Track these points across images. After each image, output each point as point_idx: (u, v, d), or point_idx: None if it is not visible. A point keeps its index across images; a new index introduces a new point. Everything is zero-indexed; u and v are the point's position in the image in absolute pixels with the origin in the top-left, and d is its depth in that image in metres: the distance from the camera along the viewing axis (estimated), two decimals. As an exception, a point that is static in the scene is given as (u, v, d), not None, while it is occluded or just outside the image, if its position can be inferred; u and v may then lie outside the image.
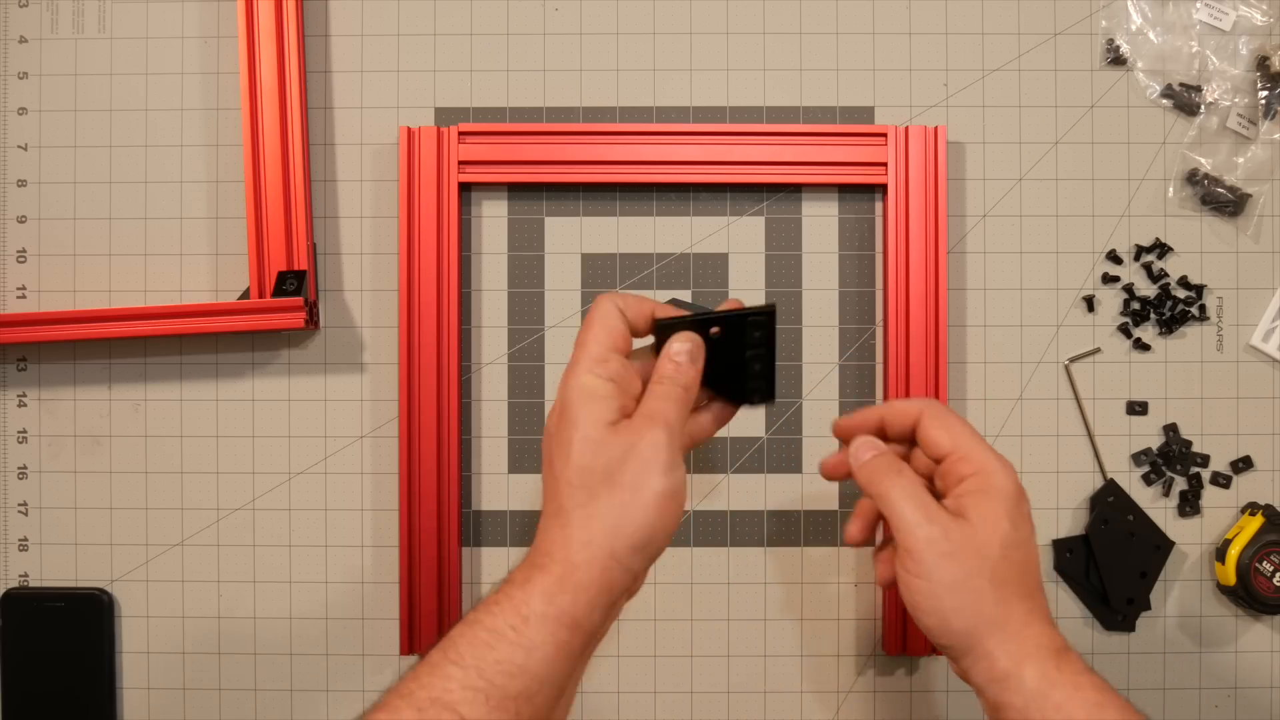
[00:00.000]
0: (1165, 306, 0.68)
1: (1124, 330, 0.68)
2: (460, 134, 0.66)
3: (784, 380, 0.68)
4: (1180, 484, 0.68)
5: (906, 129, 0.66)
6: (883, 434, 0.49)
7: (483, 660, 0.37)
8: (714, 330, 0.46)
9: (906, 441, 0.49)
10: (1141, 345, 0.68)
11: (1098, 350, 0.68)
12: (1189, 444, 0.68)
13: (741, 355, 0.47)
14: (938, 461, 0.46)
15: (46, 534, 0.68)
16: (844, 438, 0.49)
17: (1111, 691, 0.42)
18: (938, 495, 0.46)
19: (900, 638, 0.66)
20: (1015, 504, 0.44)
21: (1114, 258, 0.68)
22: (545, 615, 0.38)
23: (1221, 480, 0.68)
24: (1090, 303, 0.68)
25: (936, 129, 0.66)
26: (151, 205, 0.69)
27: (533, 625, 0.38)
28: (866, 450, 0.47)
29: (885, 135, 0.66)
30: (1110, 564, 0.66)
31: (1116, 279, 0.68)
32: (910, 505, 0.44)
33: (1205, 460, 0.68)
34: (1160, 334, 0.68)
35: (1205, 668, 0.68)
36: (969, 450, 0.45)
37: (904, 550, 0.44)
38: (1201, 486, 0.68)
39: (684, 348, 0.44)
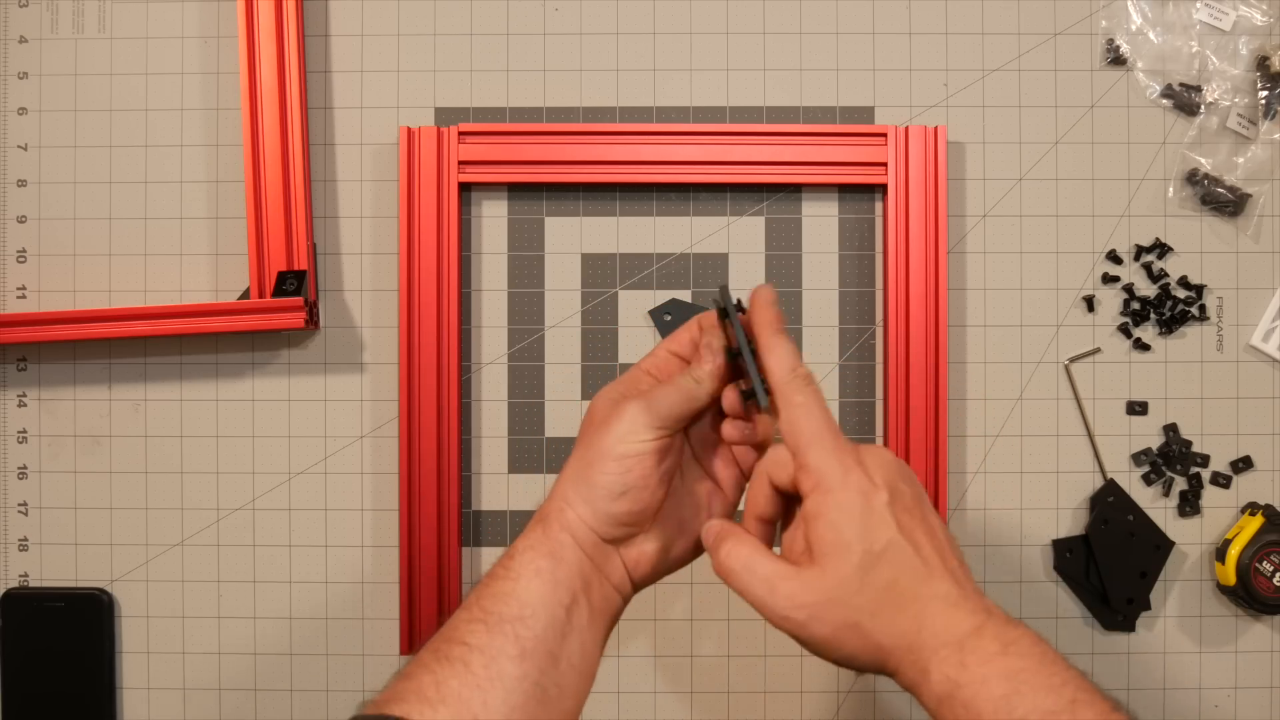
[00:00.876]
0: (1165, 306, 0.68)
1: (1124, 330, 0.68)
2: (460, 134, 0.66)
3: (784, 380, 0.68)
4: (1180, 484, 0.68)
5: (906, 129, 0.66)
6: (782, 494, 0.44)
7: (480, 597, 0.42)
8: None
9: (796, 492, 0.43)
10: (1141, 345, 0.68)
11: (1098, 350, 0.68)
12: (1189, 444, 0.68)
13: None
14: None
15: (46, 534, 0.68)
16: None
17: (1028, 669, 0.38)
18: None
19: (900, 638, 0.66)
20: (861, 509, 0.39)
21: (1114, 258, 0.68)
22: (524, 548, 0.43)
23: (1221, 480, 0.68)
24: (1090, 303, 0.68)
25: (936, 129, 0.66)
26: (151, 205, 0.69)
27: (515, 559, 0.43)
28: (711, 529, 0.44)
29: (885, 135, 0.66)
30: (1110, 564, 0.66)
31: (1116, 279, 0.68)
32: (754, 579, 0.41)
33: (1205, 460, 0.68)
34: (1160, 334, 0.68)
35: (1205, 668, 0.68)
36: (803, 459, 0.41)
37: (776, 623, 0.41)
38: (1201, 486, 0.68)
39: (705, 367, 0.45)
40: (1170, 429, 0.68)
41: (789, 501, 0.44)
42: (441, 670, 0.39)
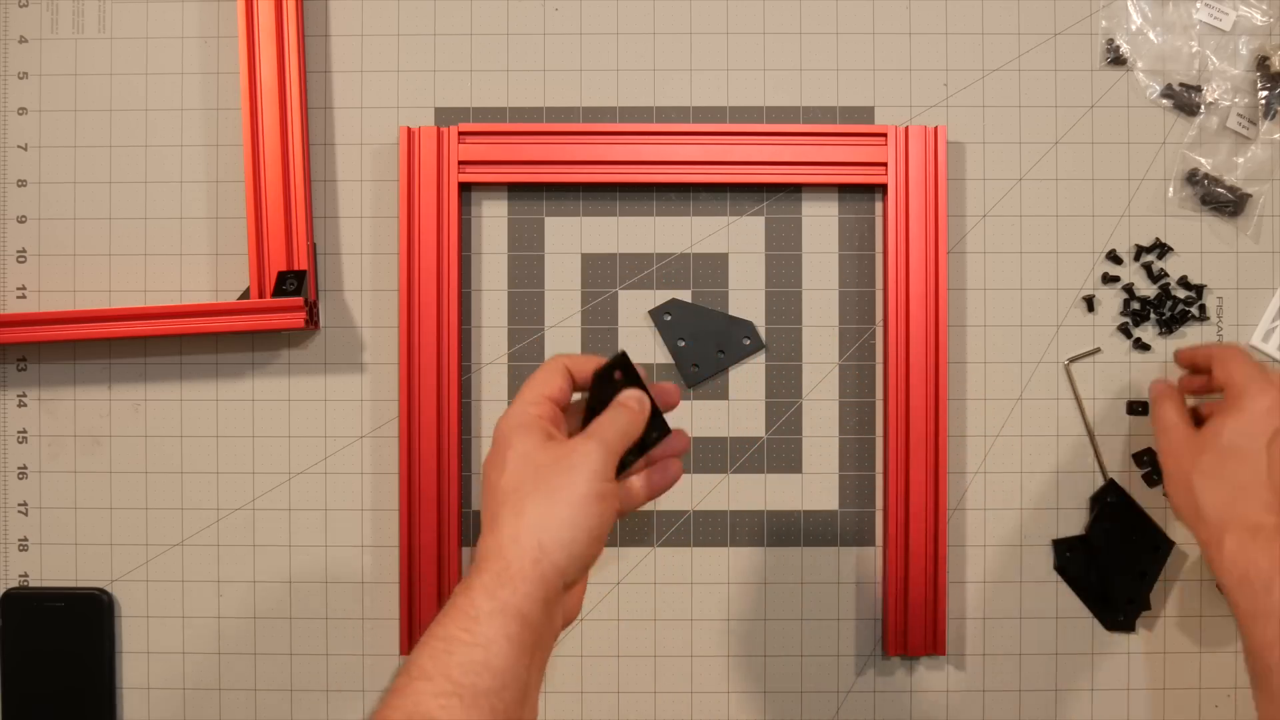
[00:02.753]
0: (1165, 306, 0.68)
1: (1124, 330, 0.68)
2: (460, 134, 0.66)
3: (784, 380, 0.68)
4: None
5: (907, 129, 0.66)
6: (1198, 368, 0.61)
7: (446, 667, 0.38)
8: (617, 375, 0.49)
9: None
10: (1141, 345, 0.68)
11: (1098, 350, 0.68)
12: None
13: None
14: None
15: (46, 534, 0.68)
16: (1180, 363, 0.63)
17: None
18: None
19: (901, 638, 0.66)
20: (1247, 424, 0.54)
21: (1114, 258, 0.68)
22: (492, 611, 0.40)
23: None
24: (1090, 303, 0.68)
25: (936, 129, 0.66)
26: (151, 205, 0.69)
27: (482, 623, 0.39)
28: (1157, 382, 0.61)
29: (885, 135, 0.66)
30: (1110, 564, 0.66)
31: (1116, 279, 0.68)
32: (1170, 408, 0.58)
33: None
34: (1160, 334, 0.68)
35: (1205, 668, 0.68)
36: (1235, 374, 0.56)
37: (1161, 443, 0.58)
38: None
39: (634, 395, 0.48)
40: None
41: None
42: None
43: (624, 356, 0.49)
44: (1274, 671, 0.47)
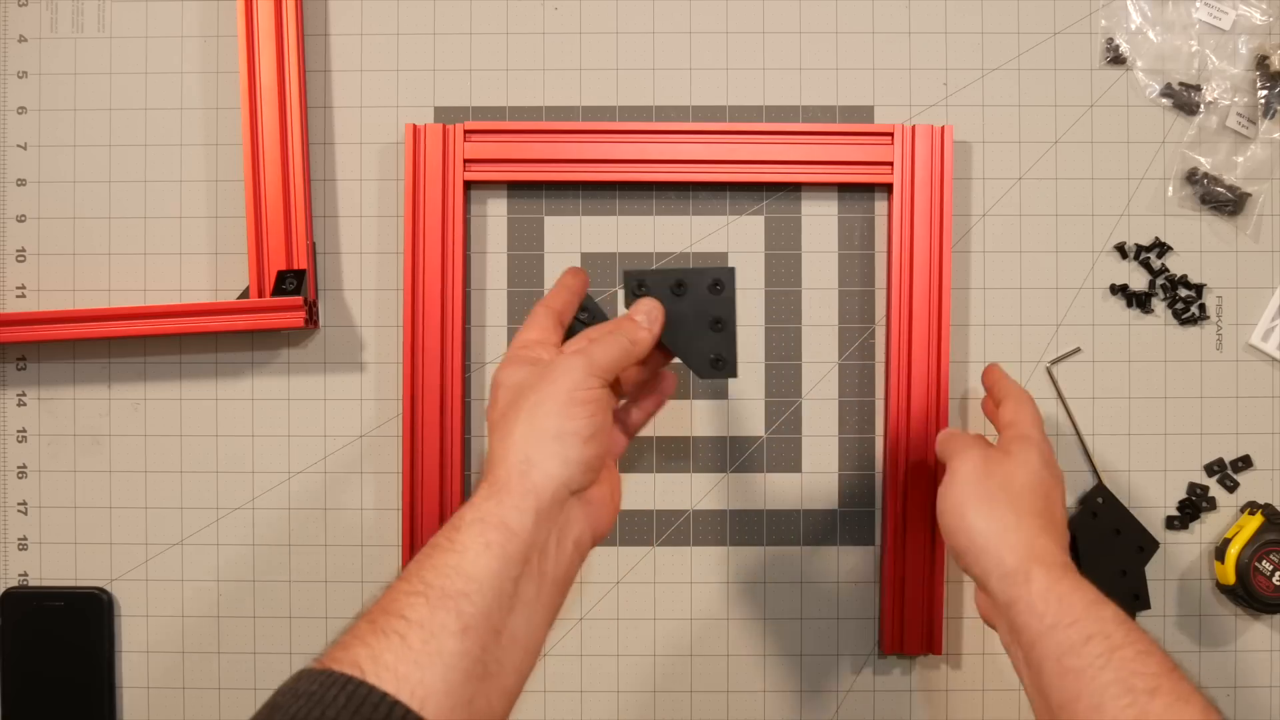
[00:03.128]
0: (1165, 305, 0.68)
1: (1124, 330, 0.68)
2: (466, 132, 0.66)
3: (784, 379, 0.68)
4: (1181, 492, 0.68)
5: (913, 128, 0.66)
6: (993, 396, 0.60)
7: (422, 569, 0.40)
8: (679, 285, 0.51)
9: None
10: (1141, 345, 0.68)
11: (1078, 350, 0.68)
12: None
13: (705, 324, 0.51)
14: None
15: (46, 533, 0.68)
16: (984, 381, 0.62)
17: (1108, 602, 0.46)
18: None
19: (898, 637, 0.66)
20: (1046, 463, 0.53)
21: (1114, 256, 0.68)
22: (473, 521, 0.41)
23: (1229, 483, 0.68)
24: (1090, 302, 0.68)
25: (943, 128, 0.66)
26: (151, 204, 0.69)
27: (462, 531, 0.41)
28: (944, 432, 0.59)
29: (891, 135, 0.66)
30: (1091, 559, 0.66)
31: (1116, 278, 0.68)
32: (966, 453, 0.54)
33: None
34: (1162, 327, 0.68)
35: (1205, 667, 0.68)
36: (1019, 418, 0.56)
37: (951, 467, 0.54)
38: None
39: (644, 308, 0.49)
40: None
41: None
42: (377, 644, 0.38)
43: (589, 299, 0.51)
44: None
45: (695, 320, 0.51)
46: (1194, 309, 0.68)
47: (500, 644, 0.40)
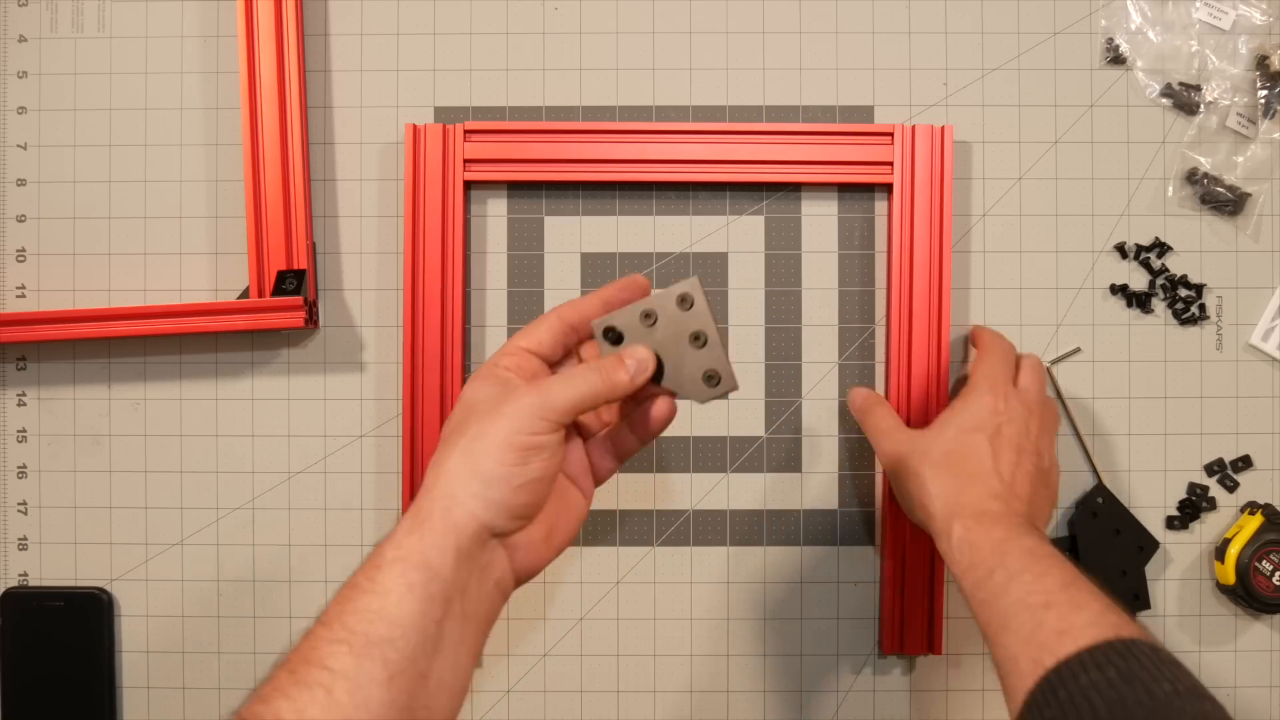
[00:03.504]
0: (1165, 305, 0.68)
1: (1124, 330, 0.68)
2: (466, 132, 0.66)
3: (784, 379, 0.68)
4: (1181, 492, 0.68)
5: (913, 128, 0.66)
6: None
7: (343, 613, 0.38)
8: (646, 316, 0.46)
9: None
10: (1141, 345, 0.68)
11: (1078, 350, 0.68)
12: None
13: (685, 344, 0.47)
14: None
15: (46, 533, 0.68)
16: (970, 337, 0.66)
17: (1022, 537, 0.50)
18: None
19: (898, 637, 0.66)
20: (980, 408, 0.56)
21: (1114, 256, 0.68)
22: (394, 560, 0.39)
23: (1229, 483, 0.68)
24: (1090, 302, 0.68)
25: (944, 128, 0.66)
26: (151, 204, 0.69)
27: (383, 571, 0.39)
28: (859, 392, 0.65)
29: (891, 135, 0.66)
30: (1091, 559, 0.66)
31: (1116, 278, 0.68)
32: (879, 422, 0.61)
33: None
34: (1163, 326, 0.68)
35: (1205, 667, 0.68)
36: (972, 379, 0.59)
37: (883, 446, 0.60)
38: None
39: (638, 355, 0.46)
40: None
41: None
42: (300, 697, 0.36)
43: (602, 323, 0.47)
44: (1008, 666, 0.45)
45: (675, 344, 0.47)
46: (1194, 309, 0.68)
47: (427, 689, 0.39)
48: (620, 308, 0.47)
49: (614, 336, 0.47)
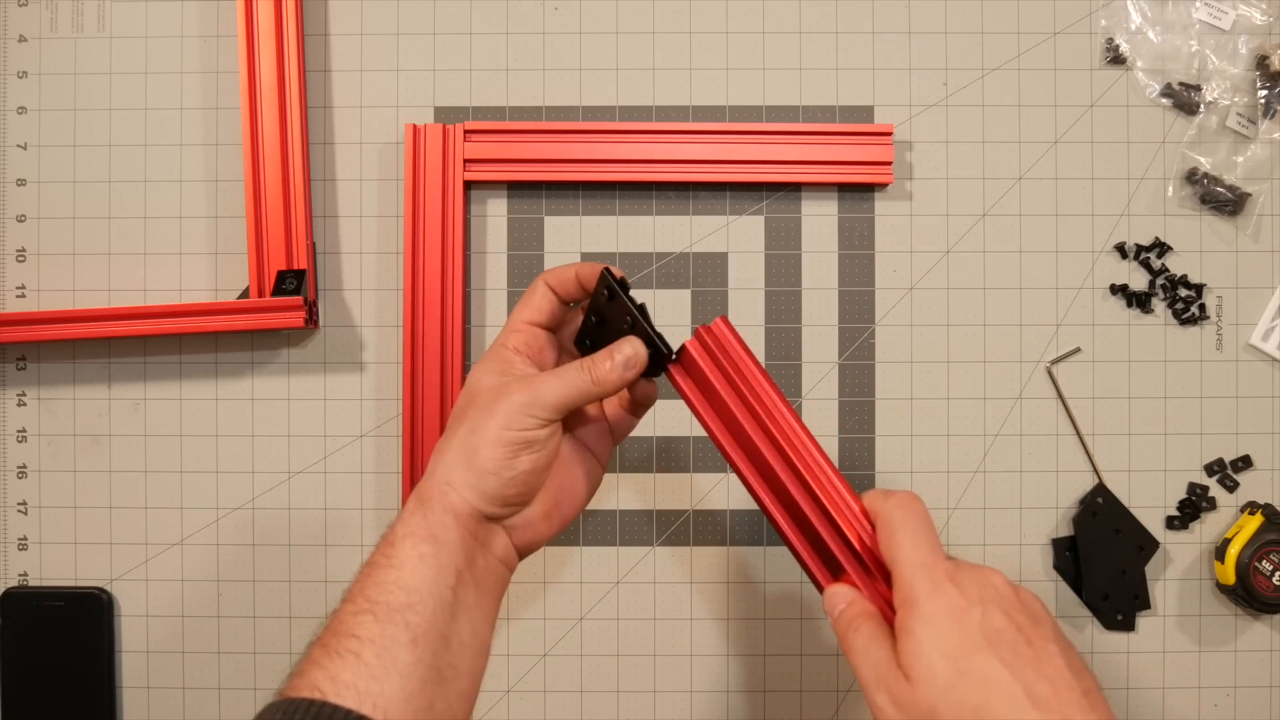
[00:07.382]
0: (1165, 305, 0.68)
1: (1124, 330, 0.68)
2: (465, 132, 0.66)
3: (784, 379, 0.68)
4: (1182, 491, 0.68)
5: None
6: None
7: (365, 588, 0.42)
8: (593, 318, 0.47)
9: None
10: (1141, 345, 0.68)
11: (1078, 350, 0.68)
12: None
13: (623, 333, 0.46)
14: None
15: (46, 533, 0.68)
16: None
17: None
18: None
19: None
20: (948, 627, 0.39)
21: (1114, 256, 0.68)
22: (404, 535, 0.42)
23: (1229, 483, 0.68)
24: (1090, 302, 0.68)
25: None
26: (151, 204, 0.69)
27: (396, 546, 0.42)
28: (839, 601, 0.44)
29: (891, 134, 0.66)
30: (1091, 558, 0.66)
31: (1116, 278, 0.68)
32: (865, 668, 0.41)
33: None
34: (1163, 326, 0.68)
35: (1205, 667, 0.68)
36: (898, 574, 0.41)
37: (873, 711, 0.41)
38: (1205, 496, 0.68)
39: (625, 353, 0.45)
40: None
41: None
42: (333, 665, 0.39)
43: (605, 273, 0.46)
44: None
45: (619, 334, 0.46)
46: (1194, 309, 0.68)
47: (450, 649, 0.41)
48: (581, 297, 0.48)
49: (588, 345, 0.48)
